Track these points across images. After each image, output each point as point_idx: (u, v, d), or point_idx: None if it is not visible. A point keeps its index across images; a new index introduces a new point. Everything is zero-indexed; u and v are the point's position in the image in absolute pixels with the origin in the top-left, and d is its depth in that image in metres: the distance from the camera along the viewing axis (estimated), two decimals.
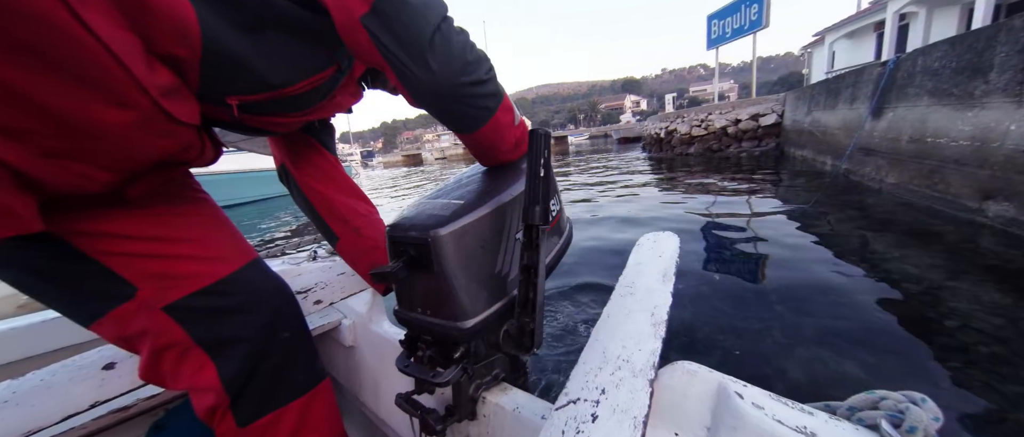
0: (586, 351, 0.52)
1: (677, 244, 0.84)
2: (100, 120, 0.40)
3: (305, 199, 0.83)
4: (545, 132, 0.52)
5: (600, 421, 0.40)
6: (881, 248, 2.82)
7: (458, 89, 0.52)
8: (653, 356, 0.48)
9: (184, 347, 0.58)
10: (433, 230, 0.49)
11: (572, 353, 1.82)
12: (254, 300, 0.63)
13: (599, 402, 0.42)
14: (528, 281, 0.52)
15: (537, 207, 0.51)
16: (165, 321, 0.56)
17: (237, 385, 0.60)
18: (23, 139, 0.38)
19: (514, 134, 0.64)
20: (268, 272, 0.68)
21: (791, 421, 0.38)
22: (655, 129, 13.44)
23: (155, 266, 0.56)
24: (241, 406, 0.61)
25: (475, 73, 0.52)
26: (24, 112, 0.36)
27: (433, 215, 0.53)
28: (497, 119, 0.59)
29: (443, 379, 0.54)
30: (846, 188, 4.84)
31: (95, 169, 0.44)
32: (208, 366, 0.59)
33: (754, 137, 10.03)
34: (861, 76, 5.34)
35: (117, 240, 0.53)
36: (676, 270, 0.71)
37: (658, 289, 0.63)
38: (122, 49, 0.38)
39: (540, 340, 0.53)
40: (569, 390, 0.46)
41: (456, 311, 0.51)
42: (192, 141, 0.51)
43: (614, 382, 0.45)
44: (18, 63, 0.34)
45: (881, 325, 1.85)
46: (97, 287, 0.53)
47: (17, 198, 0.40)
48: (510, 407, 0.58)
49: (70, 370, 0.69)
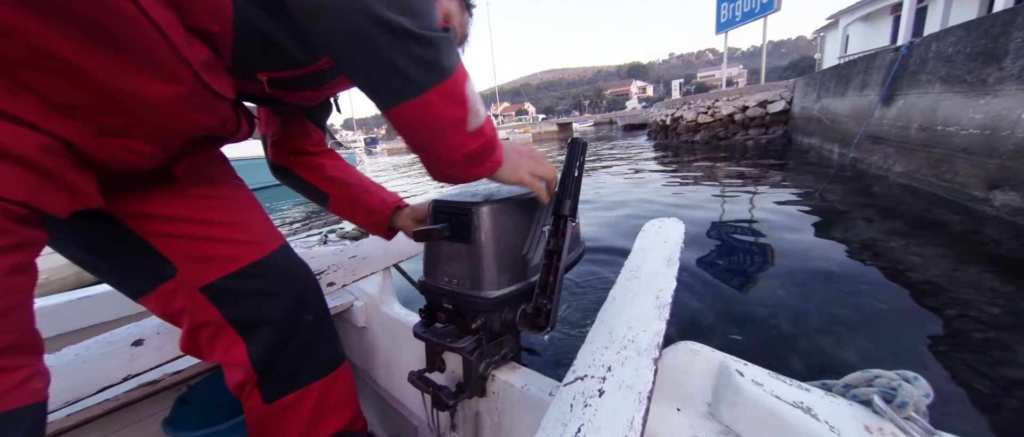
0: (593, 332, 0.54)
1: (682, 230, 0.85)
2: (150, 95, 0.40)
3: (282, 168, 0.79)
4: (584, 142, 0.60)
5: (606, 396, 0.42)
6: (885, 237, 2.83)
7: (366, 21, 0.37)
8: (657, 336, 0.50)
9: (218, 326, 0.61)
10: (477, 203, 0.56)
11: (575, 335, 1.87)
12: (283, 283, 0.65)
13: (605, 378, 0.44)
14: (551, 265, 0.56)
15: (568, 201, 0.56)
16: (201, 301, 0.59)
17: (264, 364, 0.63)
18: (79, 116, 0.39)
19: (465, 140, 0.47)
20: (295, 257, 0.70)
21: (789, 397, 0.40)
22: (661, 116, 13.26)
23: (195, 247, 0.58)
24: (267, 384, 0.64)
25: (406, 15, 0.38)
26: (81, 89, 0.37)
27: (477, 193, 0.60)
28: (430, 102, 0.42)
29: (460, 345, 0.58)
30: (853, 176, 4.79)
31: (144, 144, 0.45)
32: (239, 345, 0.62)
33: (761, 125, 9.88)
34: (873, 62, 5.22)
35: (162, 222, 0.56)
36: (680, 255, 0.73)
37: (663, 273, 0.65)
38: (165, 23, 0.38)
39: (554, 321, 0.55)
40: (576, 368, 0.48)
41: (482, 282, 0.56)
42: (229, 116, 0.52)
43: (620, 360, 0.46)
44: (77, 38, 0.35)
45: (881, 313, 1.88)
46: (143, 266, 0.57)
47: (78, 175, 0.41)
48: (519, 384, 0.60)
49: (102, 346, 0.73)
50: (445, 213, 0.60)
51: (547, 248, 0.56)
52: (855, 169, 5.00)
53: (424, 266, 0.64)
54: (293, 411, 0.67)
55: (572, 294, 2.26)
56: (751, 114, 10.02)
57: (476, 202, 0.55)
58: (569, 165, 0.57)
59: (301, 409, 0.67)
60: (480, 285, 0.56)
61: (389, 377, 1.00)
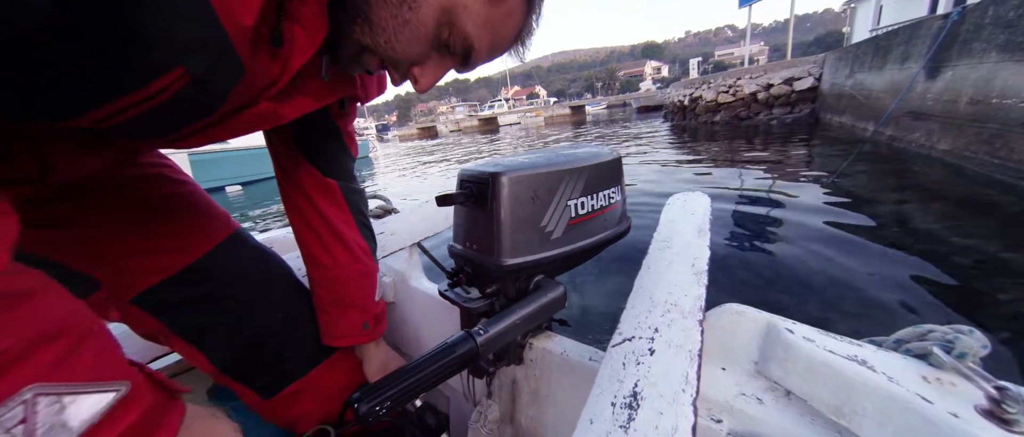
0: (633, 297, 0.55)
1: (708, 203, 0.86)
2: None
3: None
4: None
5: (657, 355, 0.43)
6: (929, 219, 2.64)
7: None
8: (699, 300, 0.50)
9: (166, 335, 0.58)
10: (496, 172, 0.57)
11: (601, 305, 1.81)
12: (230, 284, 0.61)
13: (654, 339, 0.45)
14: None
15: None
16: (136, 311, 0.56)
17: (239, 367, 0.61)
18: None
19: None
20: (250, 251, 0.66)
21: (842, 351, 0.40)
22: (678, 96, 12.80)
23: (115, 260, 0.54)
24: (257, 382, 0.63)
25: None
26: None
27: (499, 163, 0.60)
28: None
29: (473, 304, 0.61)
30: (890, 156, 4.52)
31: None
32: (196, 353, 0.59)
33: (787, 103, 9.43)
34: (917, 31, 4.85)
35: (70, 242, 0.51)
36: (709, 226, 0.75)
37: (695, 243, 0.66)
38: None
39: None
40: (622, 330, 0.48)
41: (497, 248, 0.57)
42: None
43: (666, 322, 0.47)
44: None
45: (926, 299, 1.74)
46: (65, 280, 0.50)
47: None
48: (557, 351, 0.63)
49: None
50: (469, 181, 0.61)
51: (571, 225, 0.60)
52: (892, 148, 4.72)
53: (453, 231, 0.67)
54: (300, 401, 0.66)
55: (593, 264, 2.18)
56: (776, 92, 9.56)
57: (496, 171, 0.56)
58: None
59: (307, 398, 0.67)
60: (494, 251, 0.57)
61: (420, 349, 1.01)
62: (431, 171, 8.81)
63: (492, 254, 0.57)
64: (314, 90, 0.48)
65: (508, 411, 0.72)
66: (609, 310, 1.89)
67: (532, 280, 0.61)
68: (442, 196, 0.59)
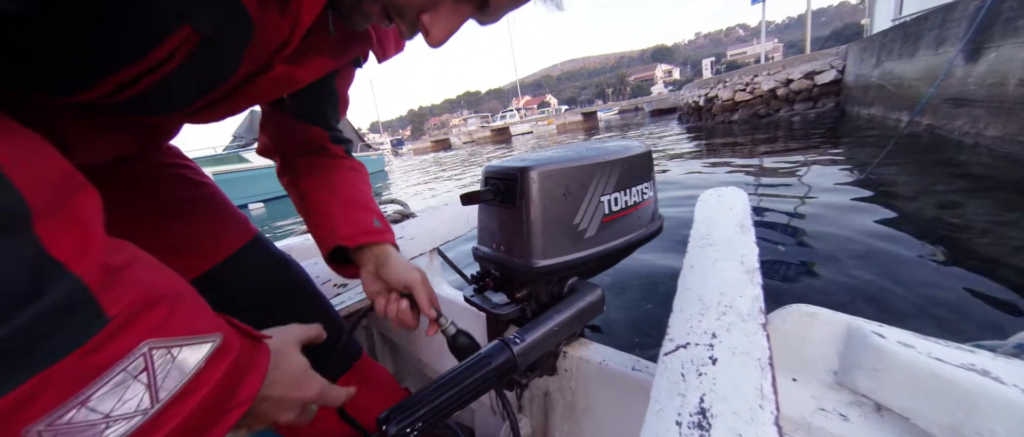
0: (679, 299, 0.51)
1: (746, 198, 0.81)
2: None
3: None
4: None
5: (721, 364, 0.38)
6: (981, 212, 2.42)
7: None
8: (757, 301, 0.46)
9: None
10: (525, 167, 0.52)
11: (635, 310, 1.69)
12: (244, 292, 0.59)
13: (713, 345, 0.41)
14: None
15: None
16: None
17: None
18: None
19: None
20: (264, 258, 0.63)
21: (952, 359, 0.35)
22: (693, 97, 12.58)
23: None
24: None
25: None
26: None
27: (527, 158, 0.56)
28: None
29: (503, 311, 0.56)
30: (930, 146, 4.25)
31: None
32: None
33: (808, 98, 9.12)
34: (950, 14, 4.59)
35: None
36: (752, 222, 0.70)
37: (739, 239, 0.62)
38: None
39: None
40: (673, 336, 0.44)
41: (527, 249, 0.53)
42: None
43: (723, 326, 0.43)
44: None
45: (981, 302, 1.55)
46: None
47: None
48: (595, 360, 0.58)
49: None
50: (494, 178, 0.57)
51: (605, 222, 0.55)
52: (933, 137, 4.43)
53: (478, 233, 0.64)
54: (317, 416, 0.60)
55: (620, 268, 2.06)
56: (796, 88, 9.26)
57: (525, 165, 0.53)
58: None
59: (324, 412, 0.62)
60: (525, 253, 0.54)
61: (442, 361, 0.96)
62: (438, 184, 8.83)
63: (522, 256, 0.54)
64: (329, 49, 0.44)
65: (540, 426, 0.68)
66: (642, 314, 1.77)
67: (565, 283, 0.57)
68: (467, 194, 0.56)
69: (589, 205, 0.55)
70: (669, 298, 0.50)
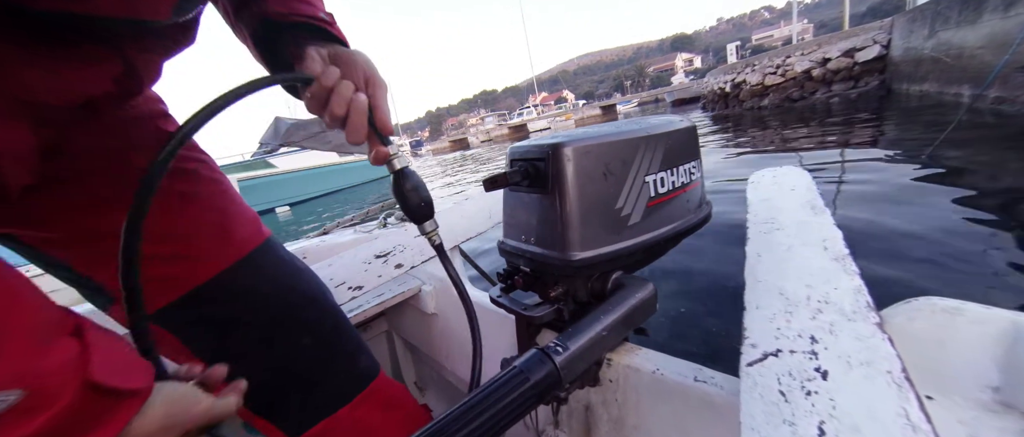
0: (751, 294, 0.45)
1: (809, 177, 0.74)
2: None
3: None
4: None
5: (835, 378, 0.31)
6: None
7: None
8: (861, 294, 0.39)
9: (186, 355, 0.52)
10: (557, 143, 0.46)
11: (670, 310, 1.53)
12: (253, 306, 0.55)
13: (816, 353, 0.34)
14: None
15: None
16: (157, 330, 0.49)
17: (262, 402, 0.55)
18: None
19: None
20: (276, 267, 0.59)
21: None
22: (718, 84, 12.03)
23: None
24: (282, 420, 0.57)
25: None
26: None
27: (559, 135, 0.50)
28: None
29: (536, 313, 0.50)
30: (999, 123, 3.81)
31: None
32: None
33: (849, 77, 8.51)
34: None
35: (86, 240, 0.46)
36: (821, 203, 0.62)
37: (814, 222, 0.56)
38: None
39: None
40: (755, 341, 0.38)
41: (563, 240, 0.47)
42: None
43: (823, 328, 0.36)
44: None
45: None
46: (80, 287, 0.49)
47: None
48: (647, 369, 0.50)
49: None
50: (522, 159, 0.51)
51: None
52: (999, 114, 3.98)
53: (503, 225, 0.59)
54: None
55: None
56: (834, 67, 8.66)
57: (558, 142, 0.47)
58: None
59: (338, 435, 0.59)
60: (560, 244, 0.47)
61: (466, 368, 0.86)
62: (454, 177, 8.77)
63: (557, 248, 0.48)
64: None
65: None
66: (689, 312, 1.58)
67: (609, 278, 0.50)
68: (491, 178, 0.50)
69: (633, 186, 0.48)
70: (709, 294, 0.39)
